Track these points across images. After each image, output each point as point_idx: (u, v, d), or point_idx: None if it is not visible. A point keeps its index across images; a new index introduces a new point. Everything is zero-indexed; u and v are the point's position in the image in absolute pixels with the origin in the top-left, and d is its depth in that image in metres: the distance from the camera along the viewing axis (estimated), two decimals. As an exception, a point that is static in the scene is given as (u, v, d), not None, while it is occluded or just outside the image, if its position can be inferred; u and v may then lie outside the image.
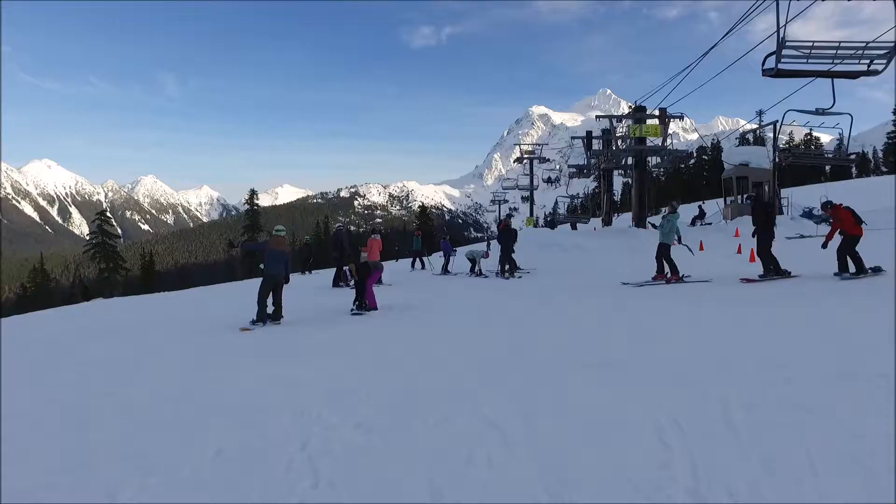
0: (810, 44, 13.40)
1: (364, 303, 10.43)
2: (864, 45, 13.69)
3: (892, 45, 13.06)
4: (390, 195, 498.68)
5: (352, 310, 10.42)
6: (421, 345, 7.22)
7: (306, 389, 5.14)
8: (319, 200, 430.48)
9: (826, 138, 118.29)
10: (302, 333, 8.62)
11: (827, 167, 56.72)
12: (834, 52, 13.68)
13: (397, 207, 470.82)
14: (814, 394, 4.06)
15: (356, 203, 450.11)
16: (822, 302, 8.22)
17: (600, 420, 3.85)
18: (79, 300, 37.93)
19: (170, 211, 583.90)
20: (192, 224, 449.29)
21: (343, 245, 16.14)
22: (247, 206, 60.85)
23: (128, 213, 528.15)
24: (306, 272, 24.56)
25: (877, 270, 10.17)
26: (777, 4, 12.42)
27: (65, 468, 3.55)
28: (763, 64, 13.45)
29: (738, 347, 5.71)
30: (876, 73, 14.41)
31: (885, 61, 13.63)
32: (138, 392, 5.40)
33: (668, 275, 11.99)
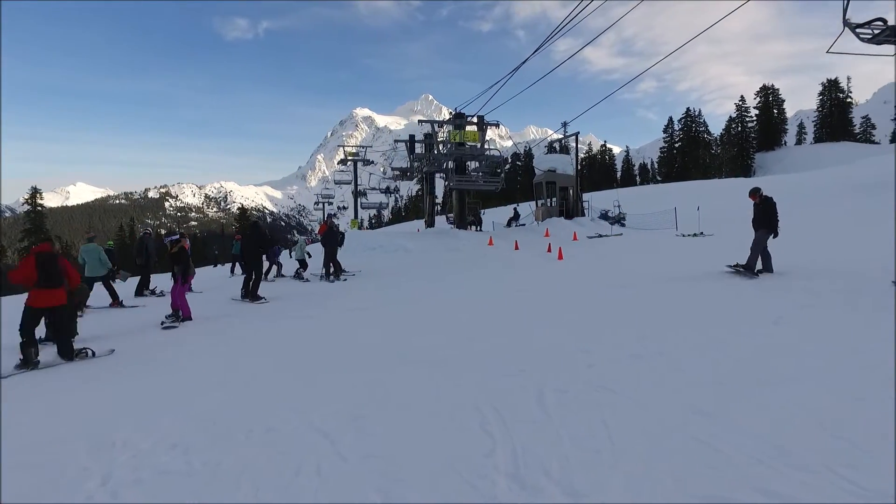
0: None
1: (178, 313, 9.56)
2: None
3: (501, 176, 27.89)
4: (206, 196, 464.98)
5: (163, 322, 9.46)
6: (241, 355, 6.79)
7: (109, 413, 4.55)
8: (123, 201, 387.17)
9: (617, 149, 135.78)
10: (104, 350, 7.59)
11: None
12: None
13: (214, 209, 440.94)
14: (612, 374, 4.63)
15: (167, 204, 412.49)
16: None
17: (428, 416, 3.97)
18: None
19: None
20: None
21: (149, 251, 14.74)
22: (27, 207, 52.57)
23: None
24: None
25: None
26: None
27: None
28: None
29: (549, 339, 6.29)
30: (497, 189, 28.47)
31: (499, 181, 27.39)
32: None
33: (123, 300, 12.45)
